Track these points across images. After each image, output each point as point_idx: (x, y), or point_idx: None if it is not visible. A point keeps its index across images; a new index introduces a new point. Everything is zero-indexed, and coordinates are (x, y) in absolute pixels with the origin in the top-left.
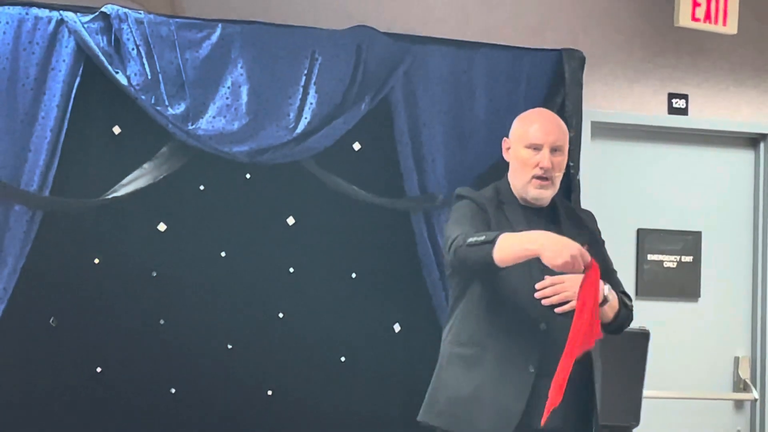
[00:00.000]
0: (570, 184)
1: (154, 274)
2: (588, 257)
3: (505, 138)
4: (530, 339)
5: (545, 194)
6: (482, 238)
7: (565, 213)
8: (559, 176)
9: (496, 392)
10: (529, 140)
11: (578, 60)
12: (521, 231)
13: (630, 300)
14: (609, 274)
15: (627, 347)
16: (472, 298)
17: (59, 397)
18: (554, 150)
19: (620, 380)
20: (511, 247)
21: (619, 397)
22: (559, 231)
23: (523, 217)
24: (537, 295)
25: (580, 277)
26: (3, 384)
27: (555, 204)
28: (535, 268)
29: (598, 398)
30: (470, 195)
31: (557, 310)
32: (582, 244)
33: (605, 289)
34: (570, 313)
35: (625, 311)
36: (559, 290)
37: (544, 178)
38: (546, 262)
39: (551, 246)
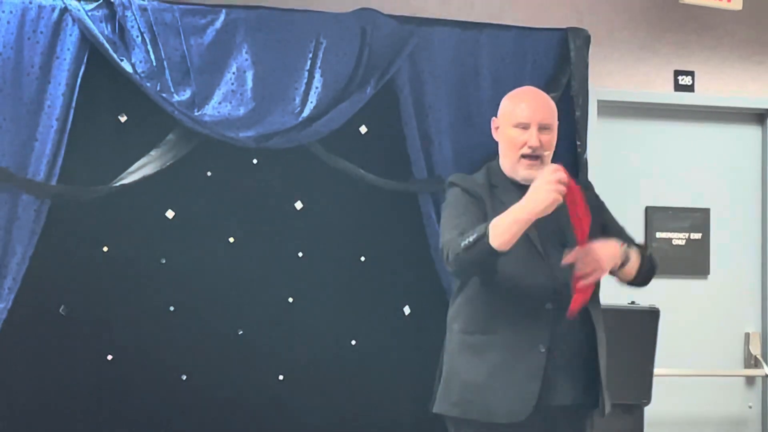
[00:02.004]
0: (577, 163)
1: (163, 261)
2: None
3: (493, 118)
4: (538, 319)
5: (535, 174)
6: (474, 236)
7: None
8: (549, 155)
9: (510, 375)
10: (517, 119)
11: (583, 39)
12: None
13: (647, 248)
14: (620, 233)
15: (637, 325)
16: (475, 285)
17: (70, 386)
18: (542, 128)
19: (631, 358)
20: (503, 226)
21: (630, 375)
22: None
23: (517, 197)
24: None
25: (605, 246)
26: (15, 374)
27: None
28: (535, 249)
29: (603, 373)
30: (462, 183)
31: (582, 282)
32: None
33: (622, 251)
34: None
35: (649, 262)
36: (589, 261)
37: (533, 157)
38: (537, 211)
39: (532, 198)
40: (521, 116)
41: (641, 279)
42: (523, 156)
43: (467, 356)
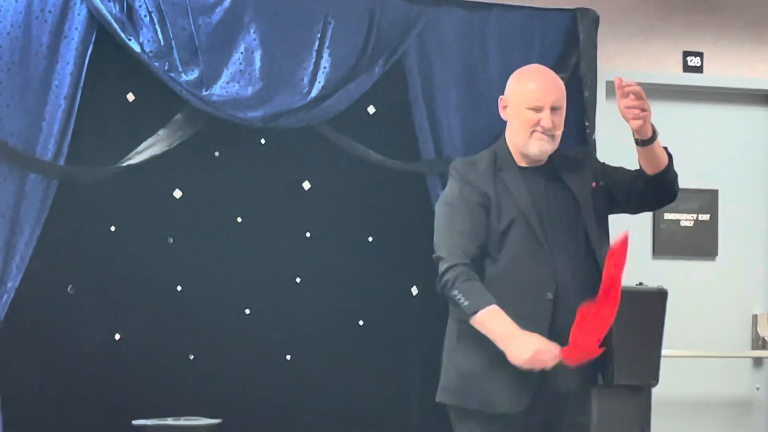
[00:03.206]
0: (586, 144)
1: (171, 240)
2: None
3: (501, 96)
4: (537, 309)
5: (546, 147)
6: (466, 303)
7: (563, 165)
8: (559, 134)
9: (510, 366)
10: (531, 102)
11: (592, 19)
12: (521, 195)
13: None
14: (620, 172)
15: (645, 306)
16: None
17: (78, 365)
18: (554, 109)
19: (639, 340)
20: (485, 327)
21: (637, 357)
22: (562, 184)
23: (522, 181)
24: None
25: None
26: (23, 352)
27: (550, 158)
28: (536, 238)
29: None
30: (464, 172)
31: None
32: (589, 186)
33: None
34: (575, 281)
35: (674, 172)
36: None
37: (545, 133)
38: (509, 357)
39: (515, 345)
40: (534, 99)
41: (671, 179)
42: (535, 131)
43: (465, 345)
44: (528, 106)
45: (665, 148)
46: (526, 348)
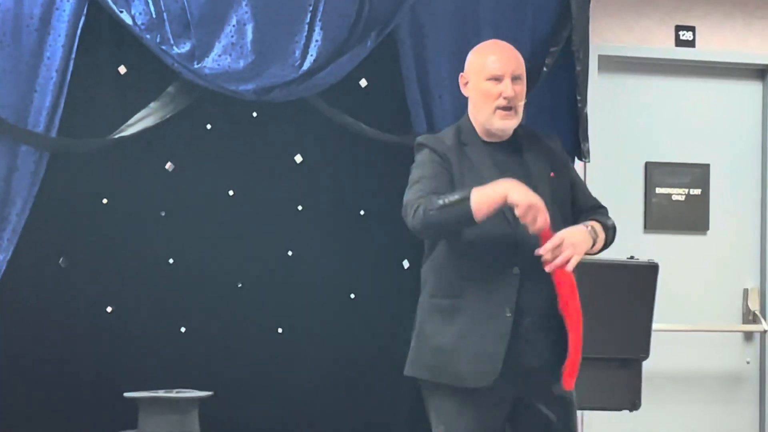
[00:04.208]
0: (578, 118)
1: (163, 213)
2: (545, 222)
3: (461, 74)
4: (504, 284)
5: (510, 124)
6: (456, 197)
7: (527, 142)
8: (521, 105)
9: (477, 339)
10: (490, 72)
11: None
12: (486, 170)
13: (606, 213)
14: (581, 190)
15: (636, 280)
16: (443, 250)
17: (70, 337)
18: (514, 78)
19: (629, 313)
20: (484, 196)
21: (628, 330)
22: (520, 161)
23: (487, 155)
24: (539, 252)
25: (575, 232)
26: (15, 324)
27: (516, 134)
28: (503, 214)
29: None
30: (430, 144)
31: (558, 267)
32: (548, 172)
33: (588, 231)
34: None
35: (612, 233)
36: (563, 250)
37: (507, 108)
38: (512, 200)
39: (519, 188)
40: (494, 69)
41: (603, 249)
42: (498, 108)
43: (436, 320)
44: (488, 76)
45: (603, 221)
46: (529, 192)
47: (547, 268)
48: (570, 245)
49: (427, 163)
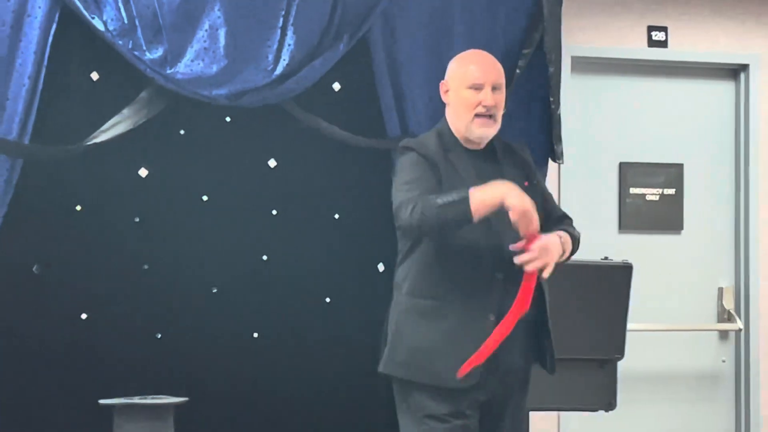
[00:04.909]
0: (551, 120)
1: (137, 219)
2: (535, 227)
3: (442, 81)
4: (488, 288)
5: (488, 132)
6: (454, 197)
7: (503, 151)
8: (500, 114)
9: (459, 342)
10: (471, 80)
11: None
12: (468, 176)
13: (572, 224)
14: (549, 201)
15: (610, 281)
16: (426, 250)
17: (44, 344)
18: (494, 88)
19: (604, 314)
20: (481, 198)
21: (603, 331)
22: (499, 169)
23: (469, 162)
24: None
25: (550, 241)
26: None
27: (493, 143)
28: (487, 219)
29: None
30: (416, 147)
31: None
32: (523, 181)
33: (560, 242)
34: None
35: (576, 244)
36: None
37: (487, 116)
38: (509, 204)
39: (515, 191)
40: (475, 77)
41: (570, 257)
42: (477, 115)
43: (415, 319)
44: (468, 85)
45: (570, 231)
46: (523, 196)
47: (527, 268)
48: (546, 253)
49: (414, 164)
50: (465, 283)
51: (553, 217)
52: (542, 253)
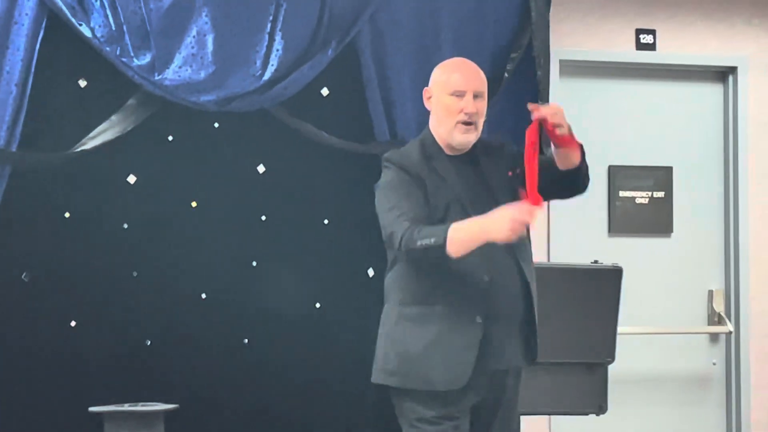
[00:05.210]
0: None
1: (126, 226)
2: (524, 217)
3: (425, 88)
4: (475, 291)
5: (469, 138)
6: (433, 240)
7: (483, 151)
8: (481, 121)
9: (448, 346)
10: (453, 87)
11: None
12: (453, 182)
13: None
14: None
15: (600, 284)
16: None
17: (33, 352)
18: (476, 96)
19: (594, 317)
20: (462, 239)
21: (593, 334)
22: (482, 171)
23: (451, 167)
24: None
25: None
26: None
27: (474, 147)
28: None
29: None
30: (399, 161)
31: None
32: (506, 173)
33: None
34: (508, 264)
35: (586, 166)
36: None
37: (468, 123)
38: (497, 239)
39: (494, 228)
40: (457, 84)
41: (584, 173)
42: (459, 122)
43: (404, 327)
44: (450, 92)
45: (580, 145)
46: (502, 221)
47: (535, 114)
48: (563, 119)
49: (397, 184)
50: (452, 288)
51: (543, 165)
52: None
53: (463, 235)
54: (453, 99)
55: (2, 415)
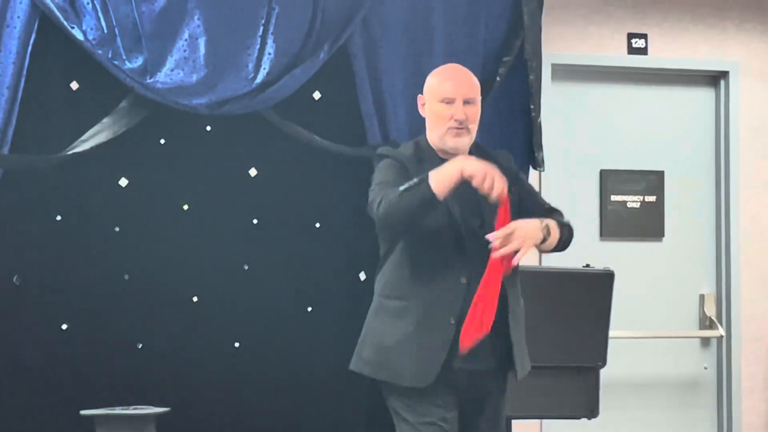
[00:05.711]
0: (531, 127)
1: (117, 229)
2: (503, 187)
3: (419, 95)
4: (452, 292)
5: (462, 141)
6: (414, 180)
7: (479, 156)
8: (474, 126)
9: (419, 342)
10: (443, 94)
11: (537, 2)
12: None
13: (561, 214)
14: (532, 199)
15: (592, 288)
16: (397, 253)
17: (25, 355)
18: (466, 102)
19: (586, 321)
20: (441, 174)
21: (585, 338)
22: None
23: None
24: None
25: (528, 225)
26: None
27: (471, 153)
28: (457, 225)
29: (517, 337)
30: (391, 154)
31: (500, 254)
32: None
33: (542, 227)
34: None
35: (567, 230)
36: (511, 240)
37: (458, 128)
38: (467, 173)
39: (471, 160)
40: (446, 91)
41: (561, 247)
42: (450, 128)
43: (383, 318)
44: (440, 98)
45: (558, 219)
46: (482, 163)
47: (494, 255)
48: (520, 237)
49: (388, 168)
50: (429, 285)
51: (538, 214)
52: (515, 237)
53: (443, 170)
54: (443, 106)
55: None
